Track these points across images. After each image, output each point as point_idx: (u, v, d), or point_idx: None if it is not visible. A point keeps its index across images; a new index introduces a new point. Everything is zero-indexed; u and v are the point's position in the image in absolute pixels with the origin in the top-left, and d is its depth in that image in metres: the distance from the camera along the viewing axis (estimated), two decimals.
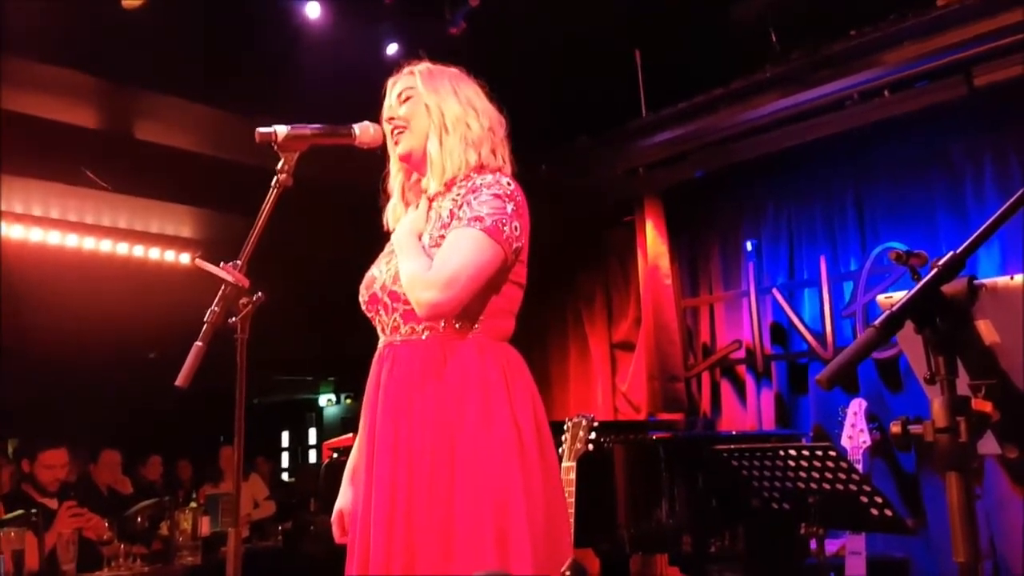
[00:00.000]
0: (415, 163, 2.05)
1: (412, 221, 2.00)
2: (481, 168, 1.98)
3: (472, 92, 2.05)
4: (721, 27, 5.23)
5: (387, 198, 2.14)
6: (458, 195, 1.93)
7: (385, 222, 2.12)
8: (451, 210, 1.92)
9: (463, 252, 1.83)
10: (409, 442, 1.84)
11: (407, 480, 1.82)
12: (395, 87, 2.06)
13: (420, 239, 1.94)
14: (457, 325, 1.89)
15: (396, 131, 2.02)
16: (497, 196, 1.89)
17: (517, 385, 1.89)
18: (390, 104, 2.06)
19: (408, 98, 2.03)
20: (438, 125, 1.98)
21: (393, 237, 2.04)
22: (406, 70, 2.07)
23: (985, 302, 1.33)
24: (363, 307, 2.02)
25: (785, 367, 5.43)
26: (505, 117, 2.10)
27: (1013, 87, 4.20)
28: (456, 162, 1.97)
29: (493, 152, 2.02)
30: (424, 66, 2.07)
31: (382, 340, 1.98)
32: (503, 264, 1.88)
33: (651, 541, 3.48)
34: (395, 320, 1.93)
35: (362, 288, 2.03)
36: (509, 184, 1.94)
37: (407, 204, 2.10)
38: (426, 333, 1.89)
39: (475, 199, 1.89)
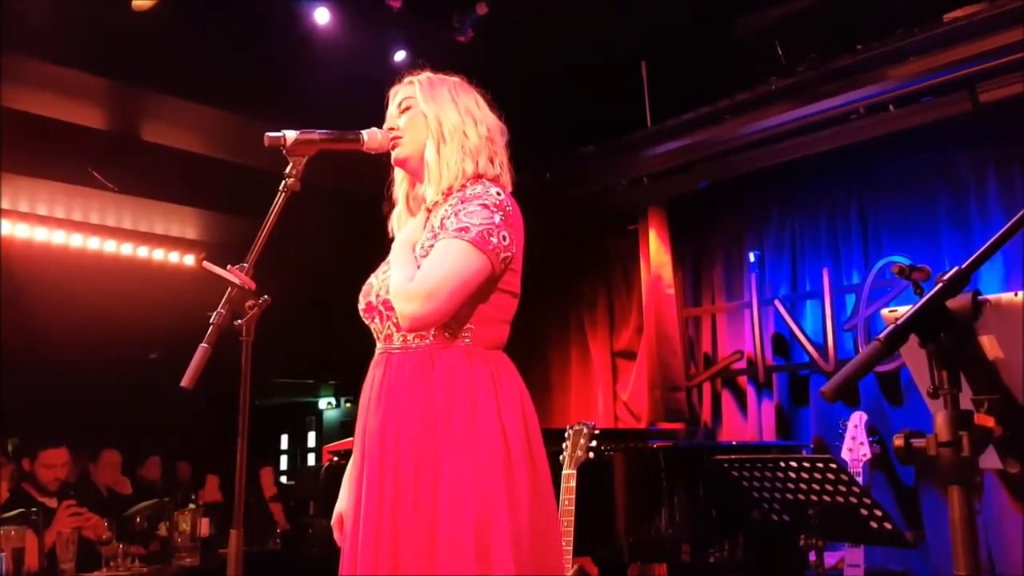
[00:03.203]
0: (412, 171, 2.06)
1: (411, 231, 2.02)
2: (478, 177, 1.99)
3: (472, 101, 2.06)
4: (727, 40, 5.24)
5: (392, 205, 2.16)
6: (451, 205, 1.94)
7: (390, 229, 2.13)
8: (442, 220, 1.93)
9: (446, 263, 1.84)
10: (396, 447, 1.86)
11: (393, 484, 1.84)
12: (396, 97, 2.08)
13: (414, 249, 1.95)
14: (447, 334, 1.89)
15: (394, 140, 2.03)
16: (485, 206, 1.90)
17: (506, 390, 1.89)
18: (391, 114, 2.08)
19: (407, 107, 2.04)
20: (436, 134, 1.99)
21: (392, 246, 2.06)
22: (407, 79, 2.09)
23: (989, 318, 1.34)
24: (361, 314, 2.04)
25: (786, 378, 5.43)
26: (506, 126, 2.10)
27: (1017, 103, 4.22)
28: (453, 171, 1.97)
29: (491, 161, 2.02)
30: (424, 76, 2.08)
31: (378, 347, 2.00)
32: (490, 274, 1.89)
33: (650, 550, 3.48)
34: (389, 328, 1.95)
35: (360, 296, 2.04)
36: (499, 194, 1.94)
37: (412, 212, 2.11)
38: (417, 342, 1.91)
39: (463, 210, 1.90)
